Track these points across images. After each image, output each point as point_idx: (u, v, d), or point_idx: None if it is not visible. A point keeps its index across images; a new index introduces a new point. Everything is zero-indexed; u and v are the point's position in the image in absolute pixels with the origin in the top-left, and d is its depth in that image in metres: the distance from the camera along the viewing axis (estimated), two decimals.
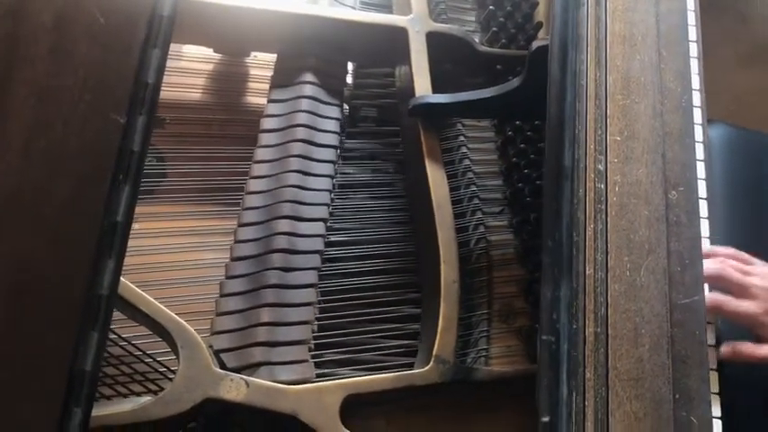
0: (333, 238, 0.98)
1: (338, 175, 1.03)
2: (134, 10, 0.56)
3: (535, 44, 0.85)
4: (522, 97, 0.91)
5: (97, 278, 0.53)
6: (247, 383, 0.81)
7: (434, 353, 0.86)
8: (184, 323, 0.82)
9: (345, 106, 1.08)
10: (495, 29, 1.11)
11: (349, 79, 1.11)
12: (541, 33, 1.14)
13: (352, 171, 1.05)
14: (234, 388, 0.81)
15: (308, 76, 1.03)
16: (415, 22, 1.03)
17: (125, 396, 0.87)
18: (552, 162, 0.58)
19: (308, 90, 1.02)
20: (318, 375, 0.88)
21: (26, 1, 0.51)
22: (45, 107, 0.52)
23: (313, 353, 0.91)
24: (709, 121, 1.37)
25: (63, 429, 0.52)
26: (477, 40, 1.08)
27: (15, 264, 0.50)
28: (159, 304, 0.83)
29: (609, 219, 0.79)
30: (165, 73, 1.02)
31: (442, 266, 0.90)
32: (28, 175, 0.51)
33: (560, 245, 0.57)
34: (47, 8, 0.52)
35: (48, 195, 0.52)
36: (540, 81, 0.89)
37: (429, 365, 0.85)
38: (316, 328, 0.92)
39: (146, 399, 0.81)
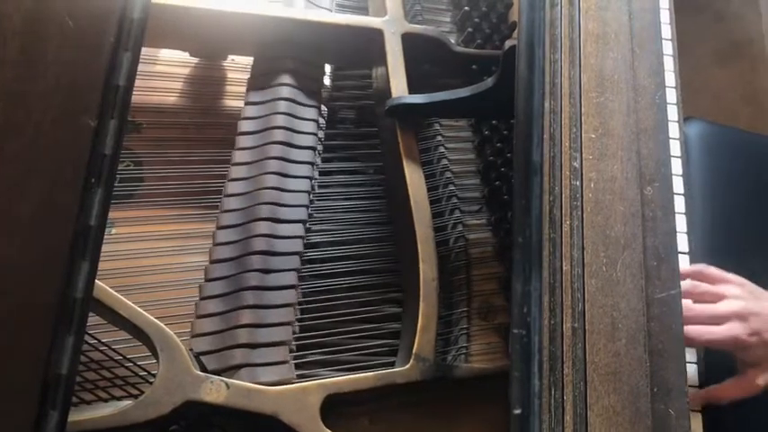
0: (312, 239, 0.98)
1: (317, 177, 1.03)
2: (103, 12, 0.56)
3: (508, 43, 0.86)
4: (497, 96, 0.92)
5: (71, 281, 0.53)
6: (228, 385, 0.81)
7: (414, 351, 0.86)
8: (163, 326, 0.82)
9: (323, 108, 1.08)
10: (470, 29, 1.12)
11: (327, 81, 1.11)
12: (516, 33, 1.15)
13: (330, 172, 1.05)
14: (214, 390, 0.81)
15: (286, 78, 1.03)
16: (391, 23, 1.04)
17: (105, 401, 0.87)
18: (521, 159, 0.59)
19: (286, 92, 1.02)
20: (299, 376, 0.89)
21: None
22: (15, 110, 0.52)
23: (294, 354, 0.91)
24: (686, 118, 1.39)
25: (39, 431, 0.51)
26: (452, 41, 1.09)
27: None
28: (138, 308, 0.83)
29: (585, 215, 0.80)
30: (142, 77, 1.04)
31: (421, 265, 0.91)
32: (0, 177, 0.51)
33: (530, 240, 0.58)
34: (15, 11, 0.52)
35: (20, 197, 0.52)
36: (512, 81, 0.90)
37: (409, 364, 0.86)
38: (296, 329, 0.92)
39: (126, 403, 0.81)
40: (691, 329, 0.87)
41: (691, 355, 0.98)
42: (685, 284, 0.94)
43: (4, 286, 0.51)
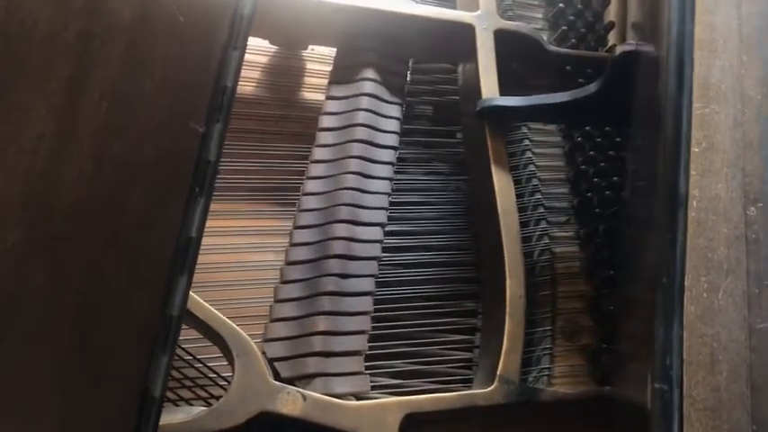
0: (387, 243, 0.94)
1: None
2: (216, 9, 0.51)
3: (619, 49, 0.80)
4: (600, 104, 0.86)
5: (169, 298, 0.50)
6: (304, 397, 0.78)
7: (499, 373, 0.82)
8: (240, 330, 0.79)
9: None
10: (564, 27, 1.05)
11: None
12: (612, 35, 1.08)
13: (405, 172, 1.00)
14: (290, 401, 0.77)
15: (369, 73, 0.98)
16: (483, 18, 0.98)
17: (174, 402, 0.84)
18: (667, 188, 0.53)
19: (369, 87, 0.97)
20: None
21: None
22: (119, 111, 0.48)
23: (367, 363, 0.87)
24: None
25: None
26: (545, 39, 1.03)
27: (86, 277, 0.46)
28: (213, 309, 0.79)
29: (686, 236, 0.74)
30: None
31: (508, 281, 0.86)
32: (100, 184, 0.48)
33: (673, 281, 0.52)
34: (124, 6, 0.48)
35: (121, 206, 0.48)
36: (621, 88, 0.84)
37: (493, 386, 0.81)
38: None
39: (198, 409, 0.78)
40: None
41: None
42: None
43: (101, 301, 0.47)
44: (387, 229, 0.94)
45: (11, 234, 0.44)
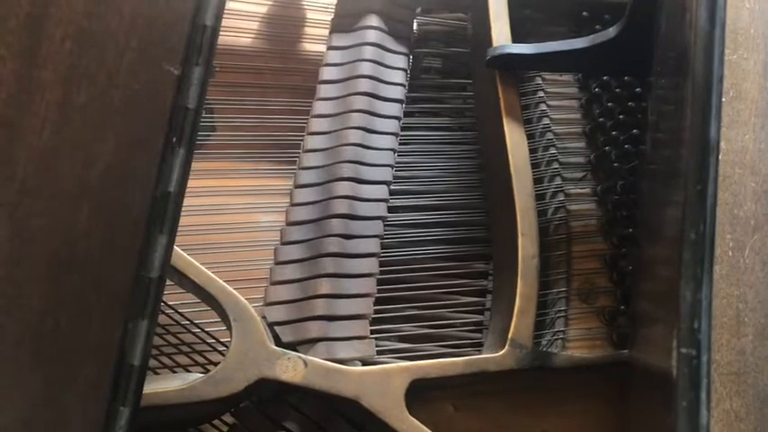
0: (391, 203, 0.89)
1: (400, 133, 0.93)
2: None
3: None
4: (619, 50, 0.80)
5: (147, 257, 0.46)
6: (305, 363, 0.74)
7: (510, 336, 0.77)
8: (237, 294, 0.75)
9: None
10: None
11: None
12: None
13: (412, 127, 0.95)
14: (291, 367, 0.74)
15: (373, 21, 0.92)
16: None
17: (171, 368, 0.81)
18: (696, 136, 0.48)
19: (373, 36, 0.91)
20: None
21: None
22: (85, 54, 0.44)
23: (373, 327, 0.83)
24: None
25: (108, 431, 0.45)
26: None
27: (55, 236, 0.42)
28: (210, 272, 0.75)
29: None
30: None
31: (520, 240, 0.81)
32: (66, 134, 0.43)
33: (704, 236, 0.48)
34: None
35: (90, 158, 0.44)
36: (642, 32, 0.78)
37: (504, 350, 0.77)
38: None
39: (194, 376, 0.75)
40: None
41: None
42: None
43: (71, 262, 0.43)
44: (392, 187, 0.89)
45: None
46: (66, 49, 0.43)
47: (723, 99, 0.77)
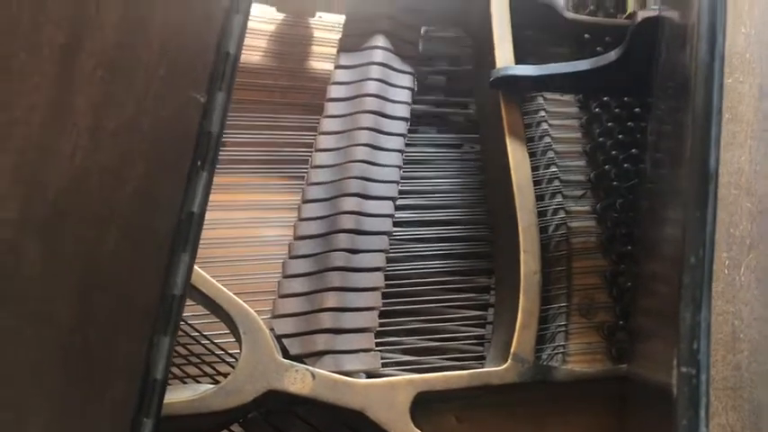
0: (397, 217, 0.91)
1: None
2: None
3: (641, 15, 0.76)
4: (620, 73, 0.83)
5: (170, 277, 0.48)
6: (313, 375, 0.76)
7: (513, 350, 0.80)
8: (247, 307, 0.77)
9: None
10: None
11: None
12: (631, 1, 1.04)
13: (417, 144, 0.97)
14: (299, 379, 0.76)
15: (380, 41, 0.95)
16: None
17: (180, 379, 0.83)
18: (696, 164, 0.50)
19: (380, 56, 0.94)
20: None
21: None
22: (115, 82, 0.46)
23: (378, 340, 0.85)
24: None
25: None
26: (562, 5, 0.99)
27: (83, 257, 0.44)
28: (220, 285, 0.77)
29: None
30: None
31: (522, 256, 0.83)
32: (97, 159, 0.45)
33: (703, 261, 0.50)
34: None
35: (119, 181, 0.46)
36: (643, 56, 0.80)
37: (507, 364, 0.79)
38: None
39: (205, 387, 0.77)
40: None
41: None
42: None
43: (99, 281, 0.45)
44: (398, 203, 0.91)
45: (3, 210, 0.42)
46: (97, 77, 0.45)
47: None
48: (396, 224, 0.91)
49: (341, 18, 0.99)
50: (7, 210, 0.42)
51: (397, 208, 0.92)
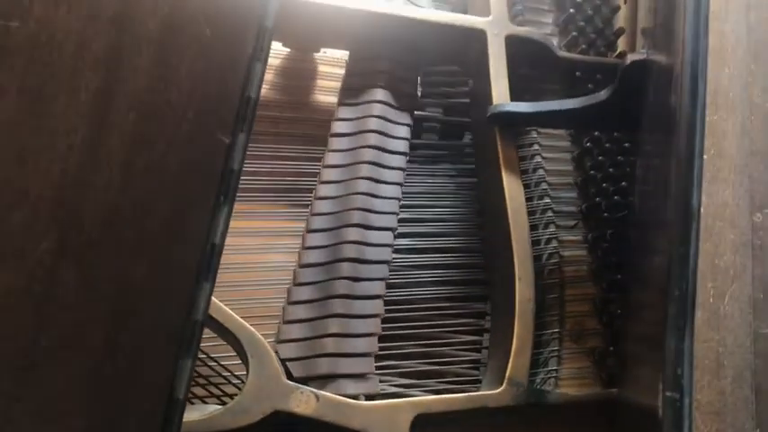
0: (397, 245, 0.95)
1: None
2: (242, 22, 0.53)
3: (630, 58, 0.81)
4: (610, 111, 0.87)
5: (194, 303, 0.51)
6: (317, 397, 0.79)
7: (508, 375, 0.83)
8: (255, 331, 0.80)
9: None
10: (574, 33, 1.06)
11: None
12: (621, 40, 1.09)
13: (414, 175, 1.02)
14: (304, 401, 0.79)
15: (381, 80, 0.99)
16: (495, 24, 0.99)
17: (189, 401, 0.86)
18: (680, 202, 0.55)
19: (381, 95, 0.99)
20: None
21: (132, 7, 0.48)
22: (147, 124, 0.50)
23: (378, 363, 0.89)
24: None
25: None
26: (555, 45, 1.04)
27: (116, 284, 0.48)
28: (230, 311, 0.81)
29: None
30: None
31: (517, 284, 0.87)
32: (129, 194, 0.49)
33: (686, 293, 0.54)
34: (151, 16, 0.49)
35: (149, 215, 0.50)
36: (631, 96, 0.85)
37: (502, 388, 0.83)
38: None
39: (212, 407, 0.80)
40: None
41: None
42: None
43: (130, 307, 0.49)
44: (397, 231, 0.95)
45: (43, 240, 0.45)
46: (130, 119, 0.49)
47: (705, 156, 0.85)
48: (395, 251, 0.95)
49: (344, 54, 1.04)
50: (48, 240, 0.45)
51: (396, 236, 0.96)
